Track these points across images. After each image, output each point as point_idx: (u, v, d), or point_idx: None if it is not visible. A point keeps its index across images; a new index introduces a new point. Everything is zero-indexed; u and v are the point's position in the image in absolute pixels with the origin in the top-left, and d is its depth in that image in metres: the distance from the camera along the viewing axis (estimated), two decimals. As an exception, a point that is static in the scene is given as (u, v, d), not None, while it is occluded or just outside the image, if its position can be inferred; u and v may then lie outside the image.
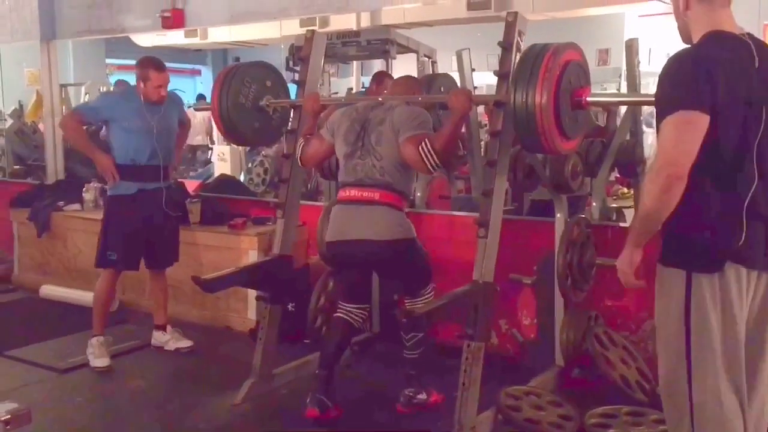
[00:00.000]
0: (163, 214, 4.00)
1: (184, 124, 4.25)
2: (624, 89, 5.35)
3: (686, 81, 1.90)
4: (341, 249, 3.21)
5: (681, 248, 1.99)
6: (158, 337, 4.17)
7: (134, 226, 3.90)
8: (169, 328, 4.17)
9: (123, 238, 3.88)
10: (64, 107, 7.77)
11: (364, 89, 8.46)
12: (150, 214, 3.93)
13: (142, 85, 3.88)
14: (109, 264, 3.92)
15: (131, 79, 4.40)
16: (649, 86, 2.12)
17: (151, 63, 3.90)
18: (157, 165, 3.92)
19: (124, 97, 4.07)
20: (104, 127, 4.14)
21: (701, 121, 1.87)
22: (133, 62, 4.12)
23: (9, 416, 1.77)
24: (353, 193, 3.13)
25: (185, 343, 4.11)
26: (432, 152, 2.94)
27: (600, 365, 3.31)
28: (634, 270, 2.06)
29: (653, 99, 2.07)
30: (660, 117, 1.93)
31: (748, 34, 2.02)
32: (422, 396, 3.28)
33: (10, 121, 6.99)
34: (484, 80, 6.08)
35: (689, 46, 2.01)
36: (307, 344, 3.92)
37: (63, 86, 7.31)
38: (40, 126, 6.42)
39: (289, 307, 3.99)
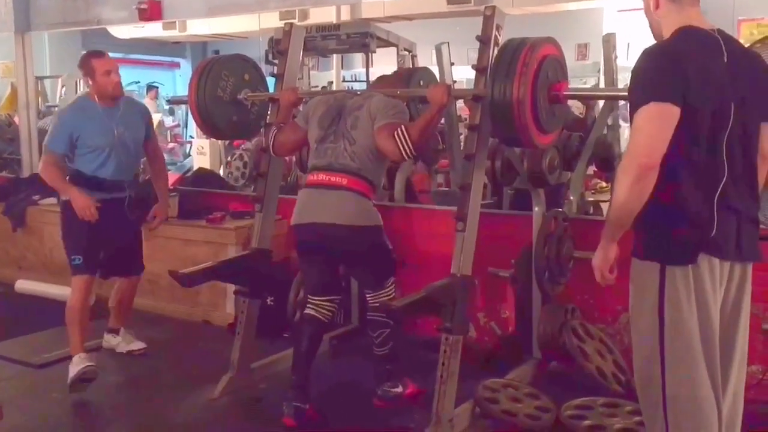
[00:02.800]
0: (126, 222, 3.77)
1: (150, 139, 3.88)
2: (603, 84, 5.39)
3: (658, 74, 1.93)
4: (306, 232, 3.14)
5: (654, 241, 2.01)
6: (109, 340, 4.02)
7: (93, 230, 3.57)
8: (121, 330, 4.01)
9: (84, 242, 3.61)
10: (39, 99, 7.68)
11: (344, 83, 8.46)
12: (110, 222, 3.62)
13: (90, 81, 3.63)
14: (76, 270, 3.63)
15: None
16: (627, 81, 2.13)
17: (89, 55, 3.68)
18: (120, 180, 3.69)
19: (80, 109, 3.70)
20: None
21: (672, 113, 1.90)
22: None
23: (-19, 412, 1.75)
24: (321, 177, 3.09)
25: (137, 345, 3.96)
26: (407, 140, 2.94)
27: (576, 358, 3.34)
28: (610, 266, 2.08)
29: (629, 93, 2.09)
30: (633, 110, 1.96)
31: (718, 30, 2.05)
32: (398, 389, 3.27)
33: (-16, 114, 6.90)
34: (464, 75, 6.09)
35: (660, 41, 2.04)
36: (286, 338, 3.92)
37: (39, 78, 7.22)
38: (15, 119, 6.34)
39: (268, 301, 3.98)
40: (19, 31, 5.74)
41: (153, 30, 7.72)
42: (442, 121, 3.85)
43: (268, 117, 3.68)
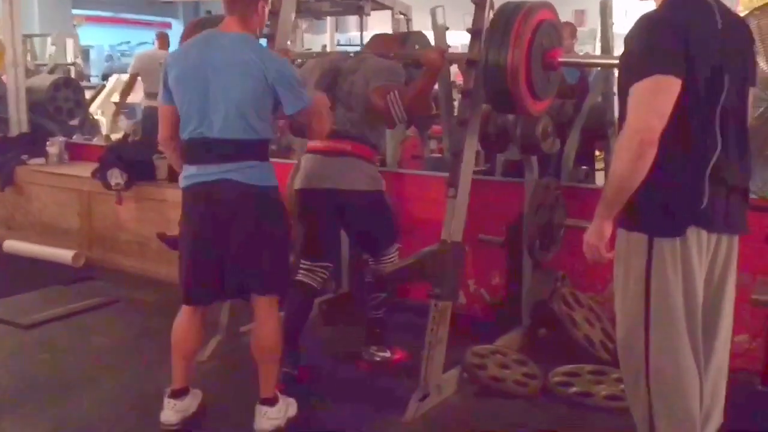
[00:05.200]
0: None
1: None
2: (599, 51, 5.33)
3: (659, 45, 1.88)
4: (311, 197, 3.14)
5: (643, 213, 1.98)
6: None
7: None
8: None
9: None
10: (29, 57, 7.56)
11: (338, 47, 8.36)
12: None
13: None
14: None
15: (100, 31, 4.04)
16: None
17: None
18: None
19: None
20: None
21: (675, 86, 1.86)
22: (101, 13, 3.85)
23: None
24: (325, 143, 3.06)
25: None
26: (399, 104, 2.91)
27: (565, 325, 3.36)
28: (605, 243, 2.04)
29: (624, 61, 2.05)
30: (628, 81, 1.91)
31: None
32: (386, 354, 3.29)
33: (-29, 73, 6.78)
34: (460, 40, 6.01)
35: (656, 8, 1.99)
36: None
37: (27, 37, 7.11)
38: (3, 77, 6.24)
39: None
40: (6, -13, 5.62)
41: (144, -12, 7.58)
42: (436, 86, 3.80)
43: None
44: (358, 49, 6.72)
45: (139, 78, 6.87)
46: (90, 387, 3.13)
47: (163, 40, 7.25)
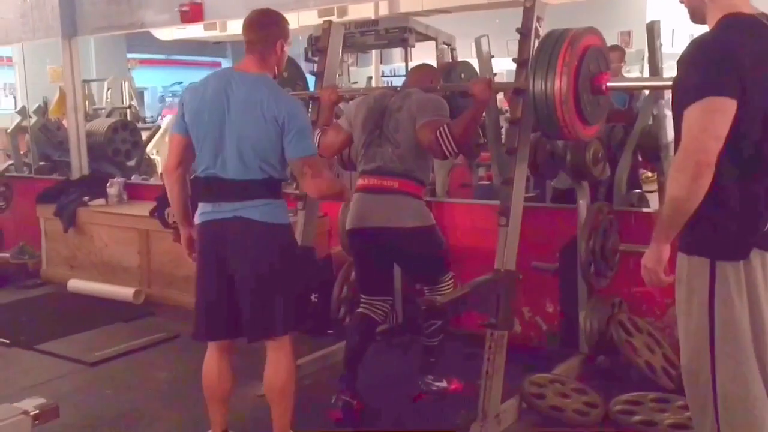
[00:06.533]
0: None
1: None
2: (647, 72, 5.27)
3: (713, 67, 1.85)
4: (361, 236, 3.20)
5: (704, 236, 1.95)
6: None
7: None
8: None
9: None
10: (87, 103, 7.84)
11: (383, 78, 8.45)
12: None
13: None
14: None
15: (154, 73, 4.12)
16: (673, 69, 2.07)
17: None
18: None
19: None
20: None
21: (730, 107, 1.83)
22: (154, 56, 4.04)
23: (37, 411, 1.80)
24: (373, 181, 3.13)
25: None
26: (449, 138, 2.93)
27: (625, 352, 3.30)
28: (663, 267, 2.00)
29: (675, 83, 2.03)
30: (682, 103, 1.89)
31: (765, 14, 1.97)
32: (442, 383, 3.28)
33: (34, 118, 7.08)
34: (504, 66, 6.02)
35: (710, 31, 1.97)
36: (330, 335, 3.95)
37: (85, 82, 7.39)
38: (64, 122, 6.49)
39: (312, 298, 4.01)
40: (66, 36, 5.87)
41: (194, 31, 7.82)
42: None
43: (309, 115, 3.70)
44: (403, 80, 6.81)
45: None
46: (153, 422, 3.20)
47: None
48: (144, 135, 8.12)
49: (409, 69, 6.26)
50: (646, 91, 4.21)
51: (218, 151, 2.56)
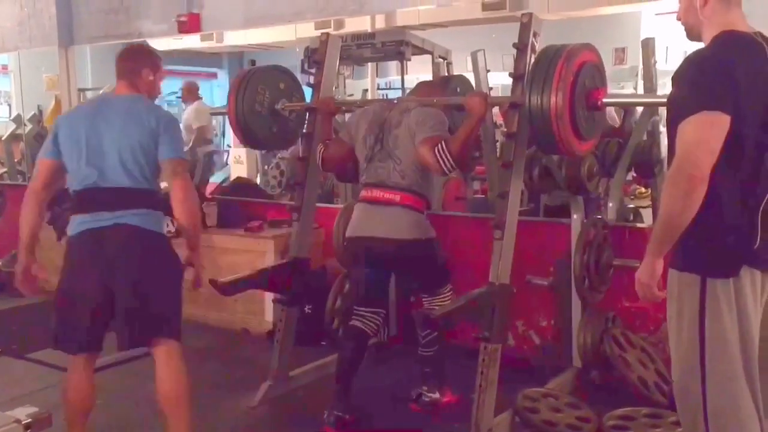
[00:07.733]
0: None
1: None
2: (641, 89, 5.31)
3: (707, 82, 1.87)
4: (360, 244, 3.23)
5: (696, 253, 1.96)
6: None
7: None
8: None
9: None
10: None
11: (379, 91, 8.48)
12: None
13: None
14: None
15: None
16: (667, 85, 2.08)
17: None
18: None
19: None
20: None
21: (724, 122, 1.84)
22: None
23: (30, 420, 1.78)
24: (375, 193, 3.16)
25: None
26: (447, 154, 2.94)
27: (618, 367, 3.30)
28: (657, 282, 2.01)
29: (669, 100, 2.05)
30: (677, 118, 1.90)
31: (760, 33, 2.00)
32: (435, 395, 3.28)
33: (29, 127, 7.06)
34: (500, 80, 6.05)
35: (705, 47, 1.99)
36: (324, 346, 3.94)
37: (81, 91, 7.37)
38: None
39: (306, 309, 4.00)
40: (63, 44, 5.88)
41: (191, 41, 7.83)
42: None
43: (305, 126, 3.71)
44: (398, 93, 6.84)
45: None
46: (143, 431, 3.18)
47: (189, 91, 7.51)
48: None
49: (404, 82, 6.31)
50: (640, 108, 4.24)
51: (97, 164, 2.65)
